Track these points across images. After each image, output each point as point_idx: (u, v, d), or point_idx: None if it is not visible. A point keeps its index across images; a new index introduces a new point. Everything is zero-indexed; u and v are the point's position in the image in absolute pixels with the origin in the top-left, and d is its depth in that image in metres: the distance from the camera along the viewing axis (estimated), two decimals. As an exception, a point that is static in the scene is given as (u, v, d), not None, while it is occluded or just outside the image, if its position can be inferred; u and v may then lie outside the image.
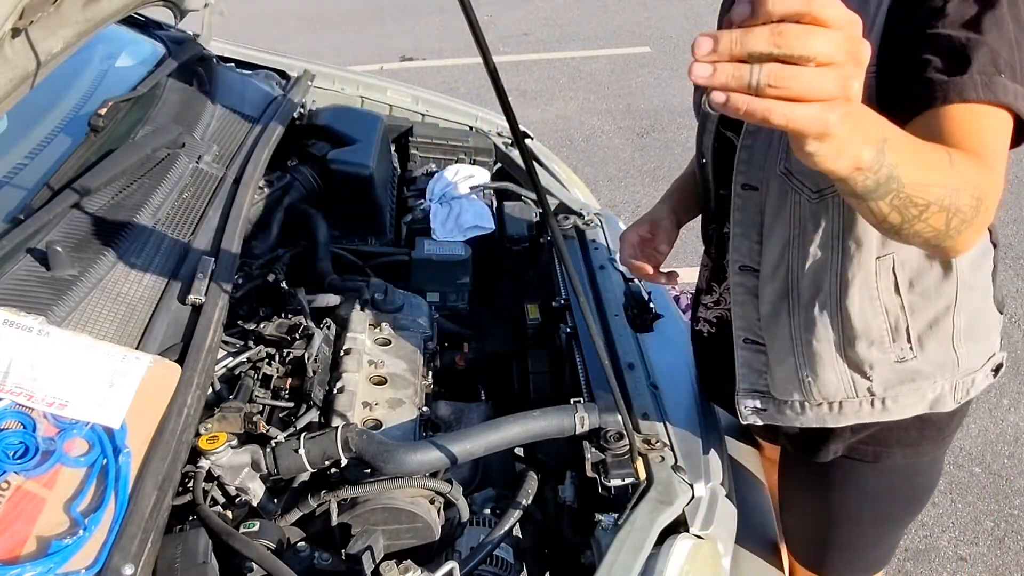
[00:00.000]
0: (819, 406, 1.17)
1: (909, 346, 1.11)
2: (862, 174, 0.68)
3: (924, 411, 1.16)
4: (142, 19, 2.15)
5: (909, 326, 1.10)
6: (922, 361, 1.12)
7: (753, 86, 0.56)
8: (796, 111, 0.57)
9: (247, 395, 1.36)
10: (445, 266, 1.91)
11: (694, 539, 1.16)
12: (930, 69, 0.86)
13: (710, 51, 0.56)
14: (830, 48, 0.56)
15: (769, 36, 0.55)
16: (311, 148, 2.14)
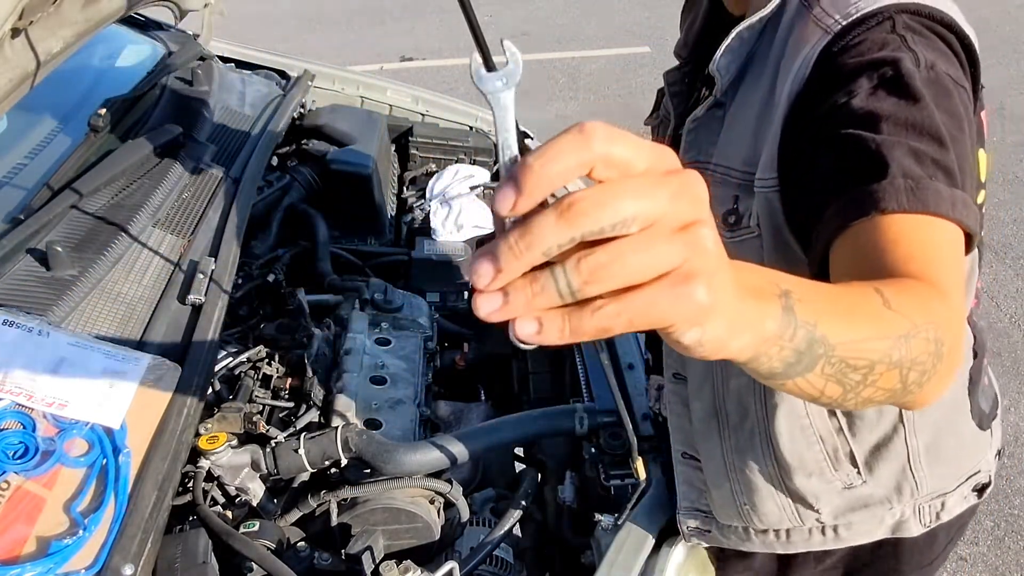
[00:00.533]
0: (764, 533, 1.05)
1: (856, 471, 0.98)
2: (773, 347, 0.49)
3: (887, 536, 1.04)
4: (142, 19, 2.15)
5: (853, 450, 0.97)
6: (874, 486, 0.99)
7: (566, 295, 0.38)
8: (640, 304, 0.39)
9: (247, 395, 1.36)
10: (445, 266, 1.91)
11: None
12: (842, 178, 0.70)
13: (493, 276, 0.39)
14: (647, 198, 0.38)
15: (557, 219, 0.37)
16: (311, 148, 2.14)
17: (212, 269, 1.38)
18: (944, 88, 0.73)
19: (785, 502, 1.01)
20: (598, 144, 0.39)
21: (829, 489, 0.99)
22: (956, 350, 0.63)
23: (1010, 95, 5.19)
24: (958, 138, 0.72)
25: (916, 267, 0.63)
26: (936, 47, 0.76)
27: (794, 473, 0.97)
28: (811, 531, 1.04)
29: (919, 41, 0.75)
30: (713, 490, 1.07)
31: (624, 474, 1.25)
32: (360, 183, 2.00)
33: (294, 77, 2.29)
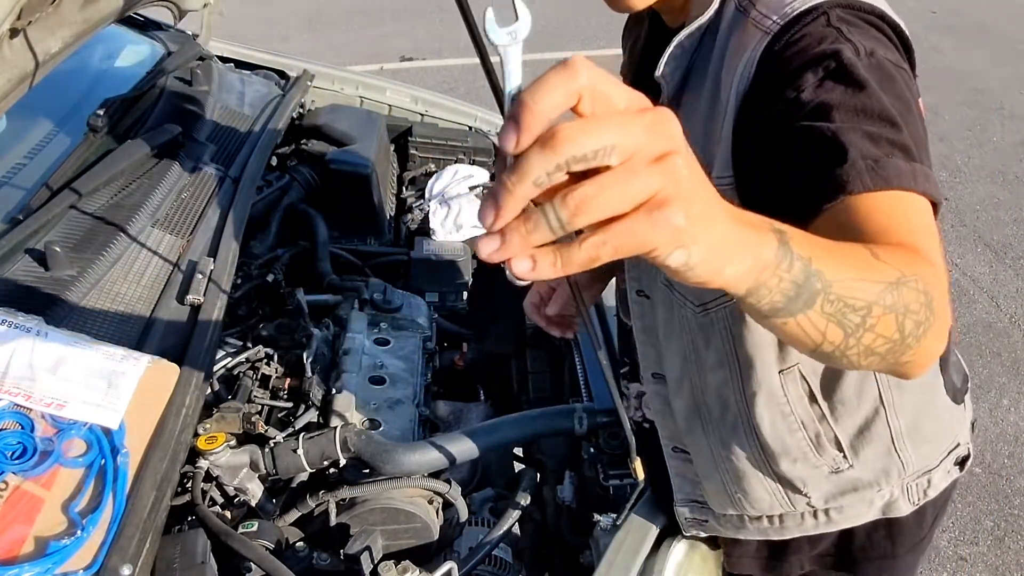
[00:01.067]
0: (758, 519, 1.08)
1: (842, 455, 1.00)
2: (772, 277, 0.51)
3: (877, 517, 1.07)
4: (141, 19, 2.15)
5: (837, 435, 0.99)
6: (860, 469, 1.01)
7: (556, 229, 0.42)
8: (622, 230, 0.42)
9: (246, 395, 1.36)
10: (445, 266, 1.91)
11: (692, 540, 1.16)
12: (804, 169, 0.71)
13: (494, 215, 0.43)
14: (625, 129, 0.42)
15: (542, 148, 0.41)
16: (311, 148, 2.14)
17: (211, 269, 1.38)
18: (887, 73, 0.75)
19: (774, 488, 1.03)
20: (583, 76, 0.43)
21: (816, 474, 1.01)
22: (945, 307, 0.64)
23: (1010, 95, 5.19)
24: (908, 118, 0.73)
25: (893, 238, 0.65)
26: (871, 35, 0.78)
27: (779, 460, 0.99)
28: (803, 515, 1.06)
29: (855, 31, 0.77)
30: (705, 482, 1.09)
31: (623, 474, 1.25)
32: (359, 183, 2.00)
33: (293, 77, 2.29)
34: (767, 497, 1.04)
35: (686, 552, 1.14)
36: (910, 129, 0.72)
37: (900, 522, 1.09)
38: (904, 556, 1.13)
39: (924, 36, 6.26)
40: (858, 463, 1.01)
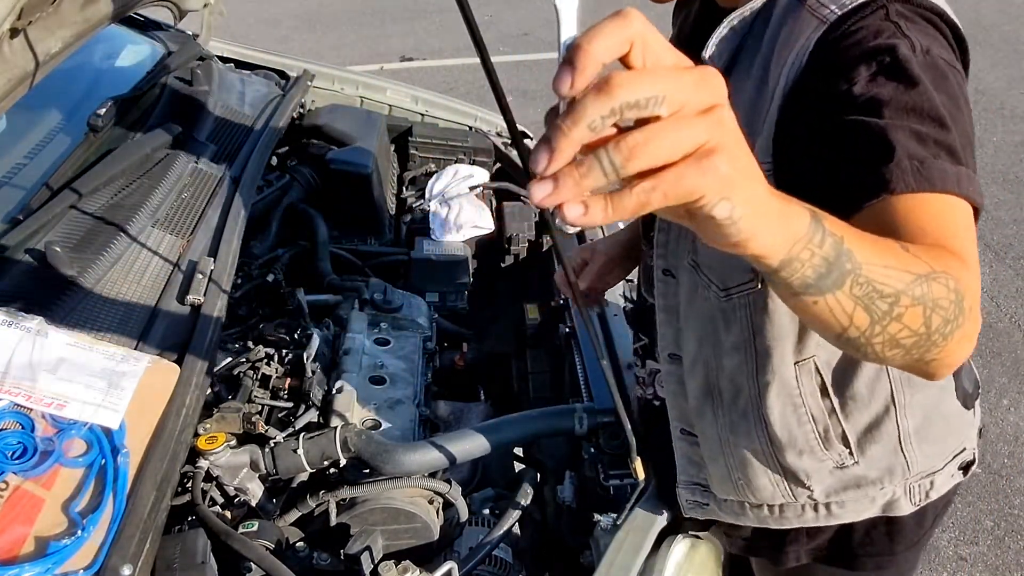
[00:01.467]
0: (758, 507, 1.08)
1: (848, 451, 1.00)
2: (804, 251, 0.53)
3: (878, 515, 1.07)
4: (142, 19, 2.15)
5: (845, 431, 0.99)
6: (866, 467, 1.02)
7: (610, 173, 0.43)
8: (671, 177, 0.44)
9: (246, 395, 1.36)
10: (445, 266, 1.91)
11: (692, 539, 1.16)
12: (850, 163, 0.72)
13: (548, 158, 0.44)
14: (674, 81, 0.44)
15: (597, 93, 0.42)
16: (311, 148, 2.14)
17: (211, 269, 1.38)
18: (940, 71, 0.76)
19: (778, 478, 1.04)
20: (637, 24, 0.45)
21: (821, 468, 1.01)
22: (976, 309, 0.66)
23: (1010, 95, 5.19)
24: (957, 118, 0.74)
25: (931, 239, 0.66)
26: (929, 32, 0.78)
27: (786, 451, 1.00)
28: (804, 507, 1.06)
29: (912, 27, 0.77)
30: (710, 465, 1.09)
31: (623, 474, 1.25)
32: (360, 183, 2.00)
33: (294, 77, 2.29)
34: (769, 486, 1.05)
35: (687, 552, 1.14)
36: (959, 129, 0.72)
37: (900, 521, 1.09)
38: (903, 554, 1.14)
39: (924, 36, 6.26)
40: (864, 460, 1.01)
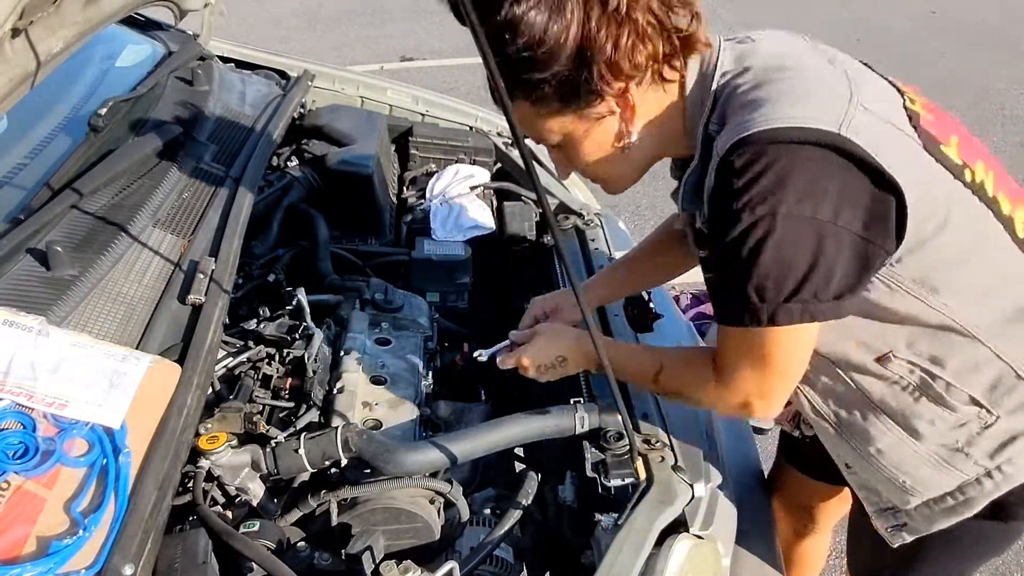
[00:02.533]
0: (941, 501, 1.12)
1: (983, 410, 1.05)
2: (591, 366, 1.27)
3: None
4: (142, 19, 2.15)
5: (969, 394, 1.05)
6: (1009, 418, 1.05)
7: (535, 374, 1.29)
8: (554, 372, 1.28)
9: (247, 395, 1.36)
10: (445, 266, 1.91)
11: (694, 539, 1.16)
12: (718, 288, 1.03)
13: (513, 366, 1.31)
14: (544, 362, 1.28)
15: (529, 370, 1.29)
16: (311, 148, 2.13)
17: (212, 269, 1.38)
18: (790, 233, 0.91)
19: (934, 460, 1.09)
20: (530, 369, 1.31)
21: (966, 431, 1.07)
22: (725, 409, 1.11)
23: (1010, 95, 5.19)
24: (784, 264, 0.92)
25: (718, 353, 1.07)
26: (800, 175, 0.90)
27: (919, 434, 1.08)
28: (979, 480, 1.09)
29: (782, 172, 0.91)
30: (878, 487, 1.17)
31: (624, 474, 1.24)
32: (360, 183, 2.00)
33: (294, 77, 2.29)
34: (930, 470, 1.09)
35: (688, 551, 1.14)
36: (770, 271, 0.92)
37: None
38: None
39: (925, 37, 6.26)
40: (1003, 412, 1.05)
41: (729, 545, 1.22)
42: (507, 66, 0.94)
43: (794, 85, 0.94)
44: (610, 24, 0.93)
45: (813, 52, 1.04)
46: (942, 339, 1.03)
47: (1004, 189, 1.03)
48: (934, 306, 1.00)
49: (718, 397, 1.09)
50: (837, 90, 0.94)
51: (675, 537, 1.15)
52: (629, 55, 0.94)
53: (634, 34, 0.94)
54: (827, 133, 0.89)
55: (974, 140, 1.07)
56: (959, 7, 6.86)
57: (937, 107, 1.07)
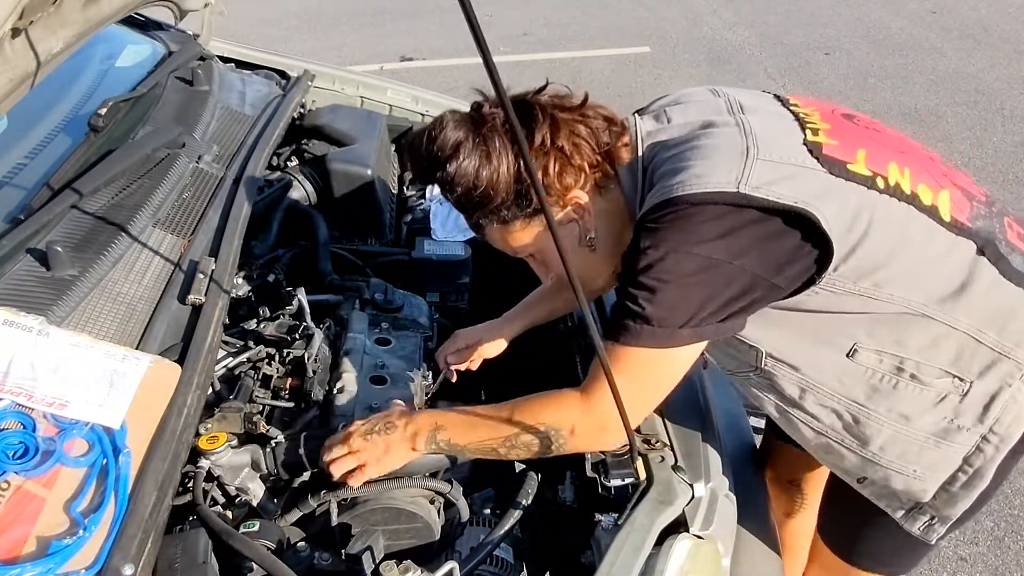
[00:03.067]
0: (953, 482, 1.17)
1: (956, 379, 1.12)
2: (427, 448, 1.17)
3: None
4: (142, 19, 2.15)
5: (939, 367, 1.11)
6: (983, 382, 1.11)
7: None
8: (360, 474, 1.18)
9: (247, 395, 1.36)
10: (445, 266, 1.91)
11: (694, 539, 1.16)
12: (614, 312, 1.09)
13: None
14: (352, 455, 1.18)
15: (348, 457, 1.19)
16: (311, 148, 2.13)
17: (212, 269, 1.38)
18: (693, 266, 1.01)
19: (933, 440, 1.15)
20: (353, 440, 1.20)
21: (948, 403, 1.13)
22: (582, 434, 1.12)
23: (1010, 95, 5.19)
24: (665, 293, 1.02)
25: (592, 375, 1.11)
26: (703, 226, 1.01)
27: (908, 416, 1.14)
28: (979, 448, 1.14)
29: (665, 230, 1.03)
30: (893, 486, 1.21)
31: (624, 474, 1.25)
32: (360, 183, 2.00)
33: (294, 77, 2.29)
34: (932, 452, 1.15)
35: (688, 551, 1.14)
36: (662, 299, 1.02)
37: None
38: None
39: (924, 37, 6.26)
40: (974, 377, 1.11)
41: (729, 545, 1.22)
42: (461, 207, 1.19)
43: (700, 152, 1.07)
44: (536, 157, 1.11)
45: (719, 111, 1.16)
46: (897, 323, 1.10)
47: (924, 180, 1.12)
48: (881, 298, 1.08)
49: (581, 417, 1.10)
50: (737, 149, 1.06)
51: (675, 537, 1.15)
52: (559, 178, 1.13)
53: (560, 160, 1.12)
54: (725, 194, 1.01)
55: (886, 140, 1.16)
56: (959, 7, 6.86)
57: (845, 125, 1.16)
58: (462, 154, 1.11)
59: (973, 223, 1.12)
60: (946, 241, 1.10)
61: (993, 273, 1.11)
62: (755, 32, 6.58)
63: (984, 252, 1.11)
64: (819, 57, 6.00)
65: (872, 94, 5.30)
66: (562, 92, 1.18)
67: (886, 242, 1.07)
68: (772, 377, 1.19)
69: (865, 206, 1.06)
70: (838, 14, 6.90)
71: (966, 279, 1.10)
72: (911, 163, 1.14)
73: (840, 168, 1.07)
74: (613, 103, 1.24)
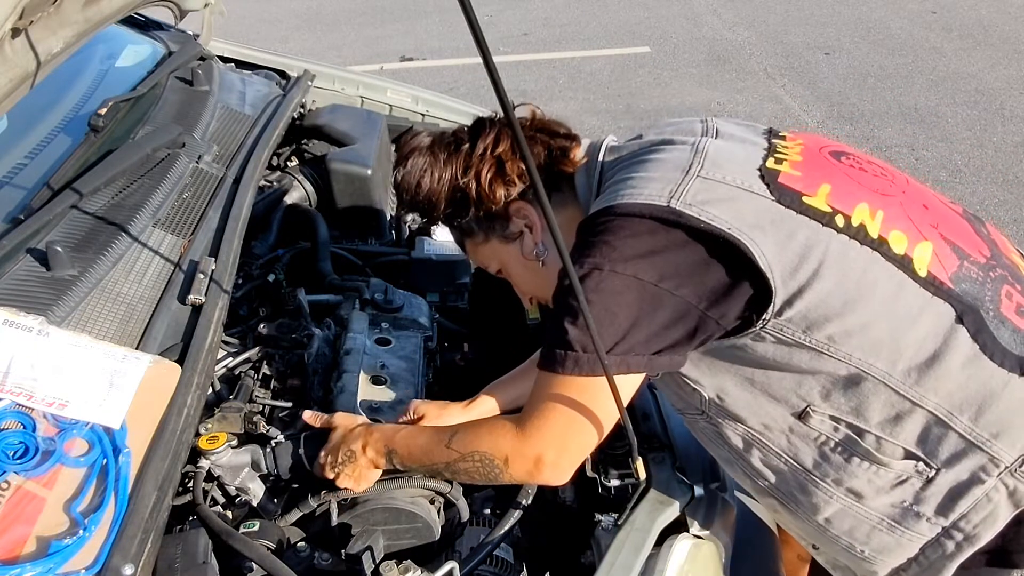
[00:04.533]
0: (908, 568, 1.07)
1: (920, 463, 1.01)
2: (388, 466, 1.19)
3: (1013, 513, 1.01)
4: (142, 19, 2.15)
5: (901, 446, 1.01)
6: (950, 471, 1.00)
7: None
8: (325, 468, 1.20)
9: (247, 395, 1.36)
10: (445, 266, 1.91)
11: (694, 539, 1.17)
12: None
13: None
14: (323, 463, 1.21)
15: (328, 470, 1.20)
16: (311, 148, 2.14)
17: (212, 269, 1.38)
18: (614, 287, 0.97)
19: (886, 524, 1.05)
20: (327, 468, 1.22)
21: (908, 487, 1.03)
22: (516, 466, 1.05)
23: (1011, 96, 5.19)
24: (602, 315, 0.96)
25: (529, 400, 1.06)
26: (629, 241, 0.97)
27: (863, 495, 1.04)
28: (939, 541, 1.04)
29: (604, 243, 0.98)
30: (843, 560, 1.14)
31: (624, 474, 1.25)
32: (360, 183, 2.00)
33: (294, 77, 2.29)
34: (884, 535, 1.05)
35: (688, 551, 1.14)
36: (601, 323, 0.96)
37: None
38: None
39: (924, 37, 6.26)
40: (941, 464, 1.00)
41: (729, 545, 1.22)
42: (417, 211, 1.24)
43: (645, 166, 1.04)
44: (472, 165, 1.15)
45: (690, 132, 1.11)
46: (856, 390, 1.00)
47: (901, 227, 1.00)
48: (837, 356, 0.98)
49: (515, 448, 1.04)
50: (681, 165, 1.01)
51: (675, 537, 1.15)
52: (488, 184, 1.15)
53: (493, 167, 1.15)
54: (656, 206, 0.97)
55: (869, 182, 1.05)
56: (959, 7, 6.86)
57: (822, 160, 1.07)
58: (410, 161, 1.18)
59: (956, 284, 0.99)
60: (918, 300, 0.98)
61: (971, 347, 0.97)
62: (755, 32, 6.58)
63: (963, 320, 0.98)
64: (819, 57, 6.00)
65: (872, 94, 5.31)
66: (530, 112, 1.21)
67: (841, 288, 0.96)
68: (718, 425, 1.12)
69: (816, 244, 0.96)
70: (838, 14, 6.90)
71: (938, 349, 0.97)
72: (891, 207, 1.02)
73: (793, 199, 0.98)
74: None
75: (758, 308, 0.97)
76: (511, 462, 1.05)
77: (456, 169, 1.16)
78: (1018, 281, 1.06)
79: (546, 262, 1.19)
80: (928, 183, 4.19)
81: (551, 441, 1.03)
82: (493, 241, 1.22)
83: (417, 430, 1.19)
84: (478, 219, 1.19)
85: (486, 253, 1.25)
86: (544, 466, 1.04)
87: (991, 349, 0.98)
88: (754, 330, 0.99)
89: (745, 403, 1.07)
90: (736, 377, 1.06)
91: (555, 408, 1.01)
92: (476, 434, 1.09)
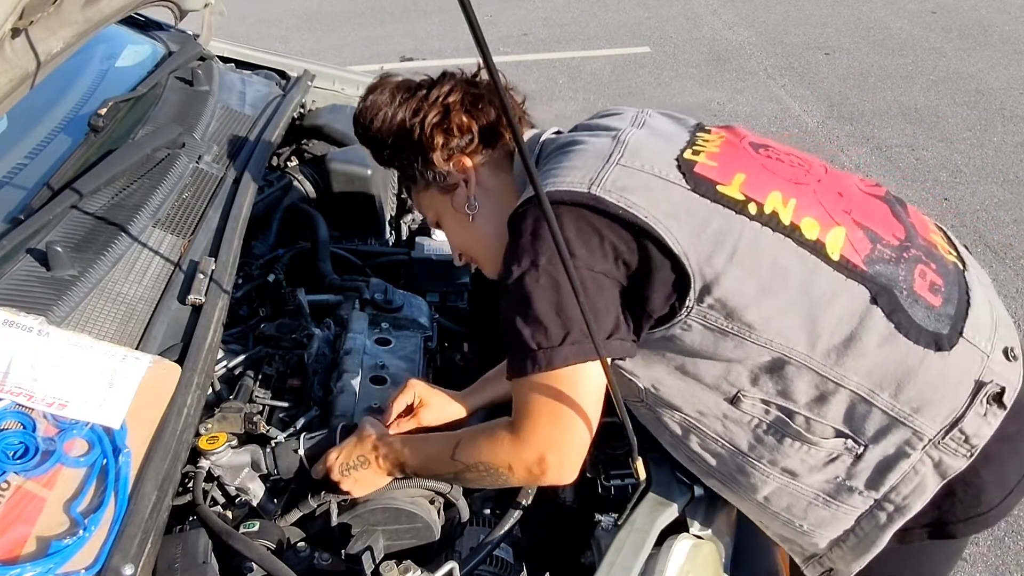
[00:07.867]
0: (844, 541, 1.10)
1: (849, 439, 1.04)
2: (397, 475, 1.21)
3: (941, 484, 1.05)
4: (142, 19, 2.15)
5: (829, 424, 1.04)
6: (877, 447, 1.03)
7: None
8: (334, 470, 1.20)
9: (247, 395, 1.36)
10: (445, 266, 1.91)
11: (694, 539, 1.16)
12: None
13: None
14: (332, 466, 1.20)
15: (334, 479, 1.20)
16: (311, 148, 2.13)
17: (212, 269, 1.38)
18: (552, 280, 0.99)
19: (816, 496, 1.08)
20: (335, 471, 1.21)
21: (840, 464, 1.06)
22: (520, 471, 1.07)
23: (1011, 96, 5.19)
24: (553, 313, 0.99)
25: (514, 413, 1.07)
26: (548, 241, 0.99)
27: (798, 473, 1.08)
28: (872, 512, 1.07)
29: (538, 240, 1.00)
30: (787, 534, 1.15)
31: (624, 474, 1.25)
32: (360, 183, 2.00)
33: (294, 77, 2.29)
34: (821, 510, 1.09)
35: (688, 552, 1.14)
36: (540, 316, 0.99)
37: (974, 477, 1.05)
38: (997, 509, 1.09)
39: (924, 37, 6.26)
40: (868, 440, 1.04)
41: (729, 545, 1.22)
42: (366, 144, 1.27)
43: (570, 155, 1.07)
44: (421, 108, 1.18)
45: (620, 121, 1.15)
46: (781, 373, 1.03)
47: (814, 214, 1.03)
48: (758, 342, 1.01)
49: (514, 455, 1.06)
50: (602, 154, 1.05)
51: (675, 537, 1.15)
52: (431, 128, 1.18)
53: (439, 115, 1.18)
54: (577, 193, 1.00)
55: (784, 172, 1.08)
56: (959, 7, 6.86)
57: (740, 152, 1.10)
58: (371, 97, 1.23)
59: (870, 266, 1.02)
60: (832, 283, 1.01)
61: (886, 326, 1.00)
62: (755, 32, 6.58)
63: (877, 301, 1.00)
64: (819, 57, 6.00)
65: (872, 94, 5.31)
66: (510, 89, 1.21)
67: (755, 275, 0.99)
68: (657, 413, 1.14)
69: (730, 231, 0.99)
70: (838, 14, 6.90)
71: (855, 330, 1.00)
72: (804, 195, 1.06)
73: (707, 187, 1.02)
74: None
75: (680, 295, 1.01)
76: (515, 469, 1.07)
77: (407, 111, 1.20)
78: (932, 260, 1.09)
79: (475, 217, 1.23)
80: (928, 183, 4.20)
81: (546, 441, 1.04)
82: (432, 190, 1.25)
83: (424, 440, 1.20)
84: (421, 166, 1.22)
85: (425, 202, 1.29)
86: (548, 467, 1.05)
87: (906, 327, 1.01)
88: (680, 318, 1.02)
89: (679, 392, 1.10)
90: (669, 367, 1.09)
91: (538, 409, 1.03)
92: (477, 445, 1.11)
